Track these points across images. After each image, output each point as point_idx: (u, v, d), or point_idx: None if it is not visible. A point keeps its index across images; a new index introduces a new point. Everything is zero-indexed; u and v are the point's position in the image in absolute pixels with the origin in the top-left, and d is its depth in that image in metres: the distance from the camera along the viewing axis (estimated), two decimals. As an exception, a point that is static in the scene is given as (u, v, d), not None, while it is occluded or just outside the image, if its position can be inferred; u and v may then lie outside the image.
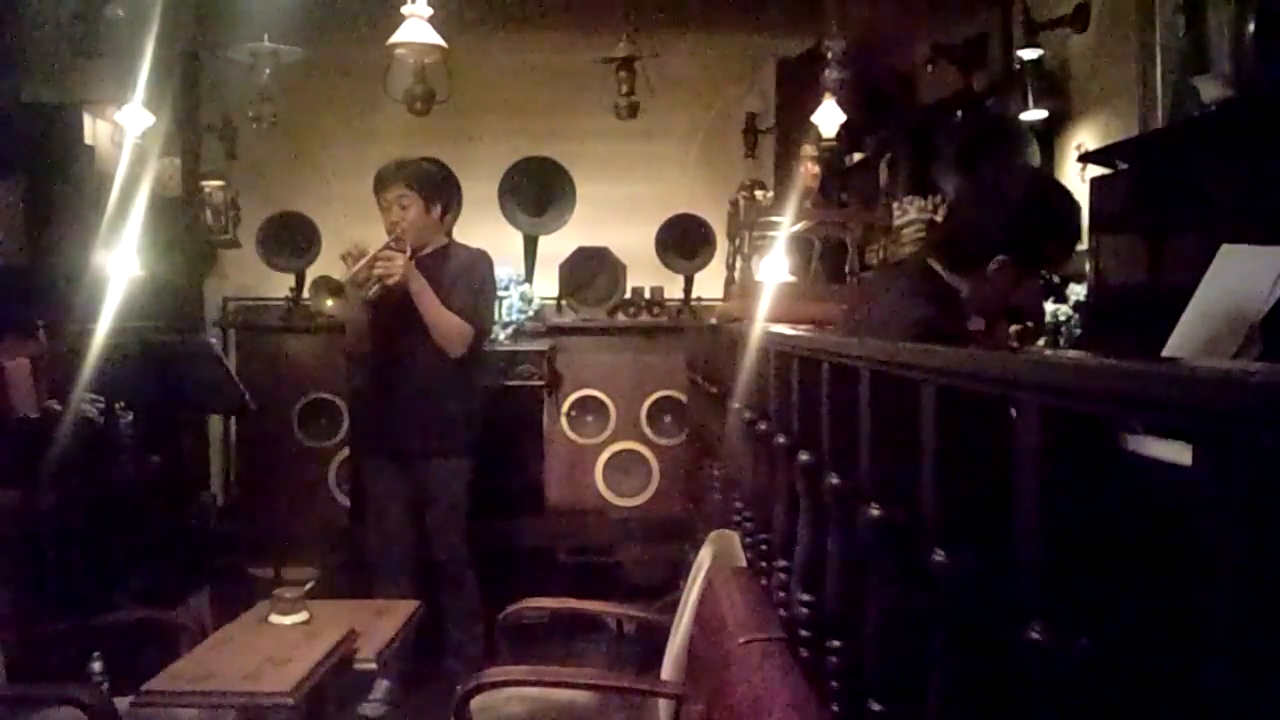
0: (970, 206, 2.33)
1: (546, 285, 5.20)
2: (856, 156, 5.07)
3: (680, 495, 4.98)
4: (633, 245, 5.26)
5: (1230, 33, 2.81)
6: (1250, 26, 2.70)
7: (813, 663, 1.51)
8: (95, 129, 4.26)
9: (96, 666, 2.80)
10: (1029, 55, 3.84)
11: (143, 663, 2.42)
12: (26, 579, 3.27)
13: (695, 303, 5.24)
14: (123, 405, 3.86)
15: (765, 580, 1.97)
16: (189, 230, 5.16)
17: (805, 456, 1.57)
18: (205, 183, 5.23)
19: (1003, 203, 2.23)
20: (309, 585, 2.77)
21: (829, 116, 4.39)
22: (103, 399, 3.73)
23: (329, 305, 3.46)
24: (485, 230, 4.61)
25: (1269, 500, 0.58)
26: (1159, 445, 0.84)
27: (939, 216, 3.80)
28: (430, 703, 3.57)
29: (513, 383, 4.77)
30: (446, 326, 3.51)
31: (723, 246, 5.23)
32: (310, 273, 5.03)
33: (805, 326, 2.19)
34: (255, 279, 5.34)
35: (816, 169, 4.47)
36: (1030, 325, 3.13)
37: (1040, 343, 3.25)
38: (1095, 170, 3.39)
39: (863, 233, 4.15)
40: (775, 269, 4.00)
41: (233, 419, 5.17)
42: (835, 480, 1.40)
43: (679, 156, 5.67)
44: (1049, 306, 3.43)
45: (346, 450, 4.91)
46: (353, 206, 4.87)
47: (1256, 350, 1.82)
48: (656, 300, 5.26)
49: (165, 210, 4.75)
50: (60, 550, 3.46)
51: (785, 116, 5.44)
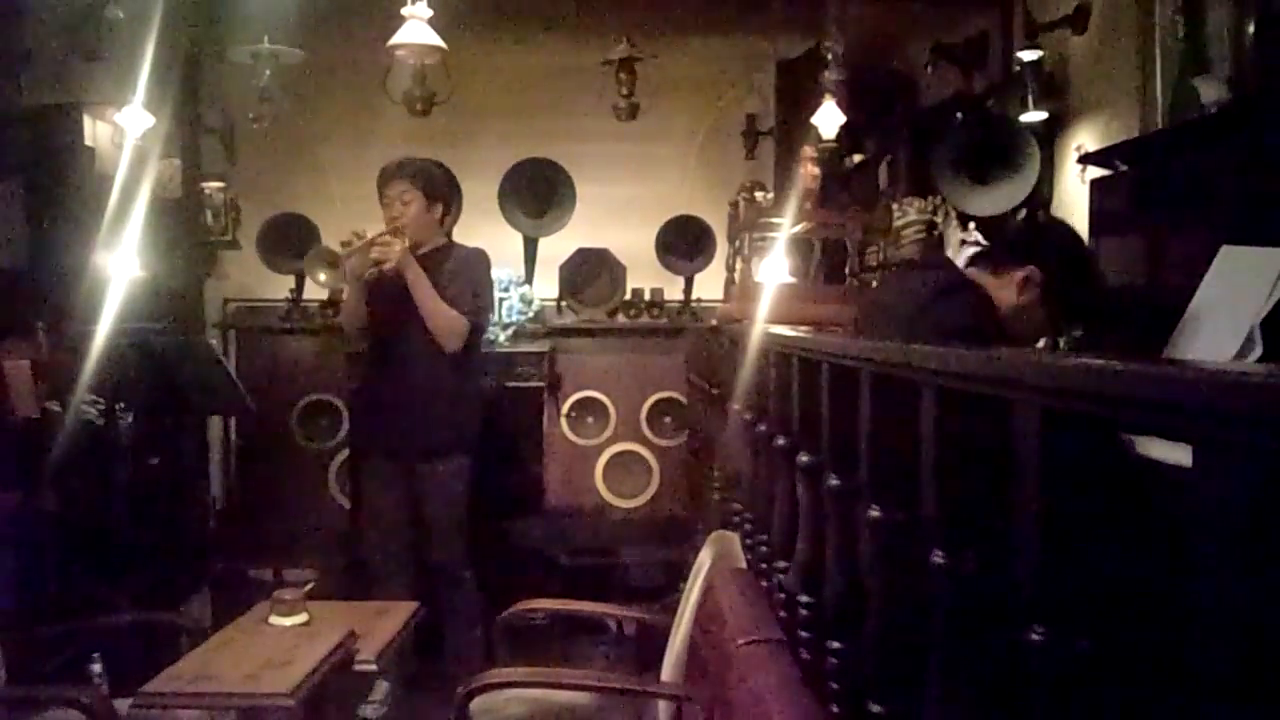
0: (1024, 225, 2.53)
1: (547, 286, 5.20)
2: (856, 158, 5.07)
3: (680, 496, 4.98)
4: (633, 246, 5.26)
5: (1230, 34, 2.81)
6: (1250, 27, 2.70)
7: (813, 664, 1.51)
8: (95, 130, 4.26)
9: (96, 668, 2.80)
10: (1029, 56, 3.84)
11: (143, 664, 2.42)
12: (26, 580, 3.27)
13: (695, 304, 5.24)
14: (123, 406, 3.86)
15: (765, 581, 1.97)
16: (189, 231, 5.15)
17: (805, 458, 1.57)
18: (205, 184, 5.23)
19: (1051, 230, 2.55)
20: (309, 587, 2.78)
21: (829, 118, 4.38)
22: (103, 400, 3.72)
23: (323, 278, 3.46)
24: (485, 231, 4.61)
25: (1269, 502, 0.58)
26: (1159, 447, 0.84)
27: (939, 218, 3.80)
28: (430, 704, 3.57)
29: (513, 384, 4.77)
30: (442, 318, 3.51)
31: (723, 248, 5.23)
32: (308, 254, 5.01)
33: (805, 328, 2.19)
34: (255, 280, 5.33)
35: (816, 170, 4.46)
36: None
37: (1040, 344, 3.25)
38: (1095, 171, 3.39)
39: (863, 234, 4.14)
40: (775, 270, 3.99)
41: (232, 420, 5.16)
42: (835, 481, 1.40)
43: (679, 158, 5.67)
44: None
45: (346, 451, 4.91)
46: (353, 208, 4.87)
47: (1257, 351, 1.82)
48: (656, 302, 5.26)
49: (165, 211, 4.75)
50: (60, 551, 3.46)
51: (785, 118, 5.44)
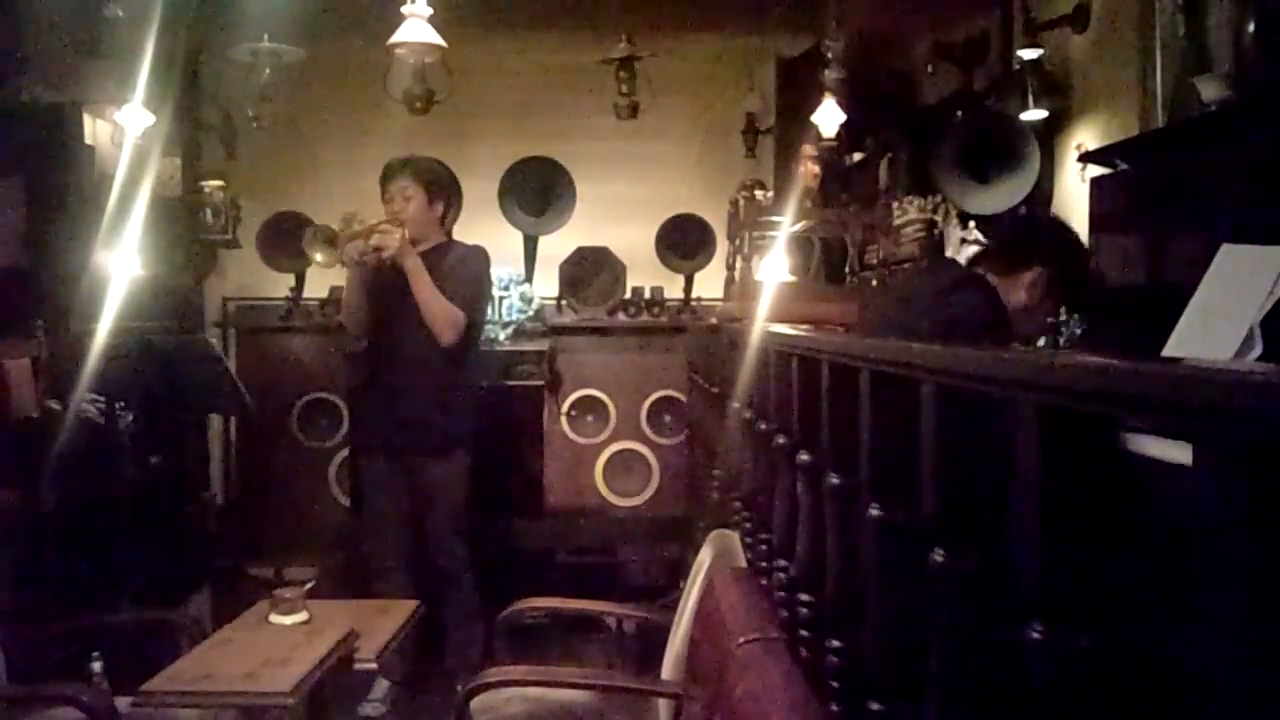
0: (1025, 225, 2.59)
1: (546, 285, 5.20)
2: (856, 156, 5.07)
3: (680, 495, 4.98)
4: (633, 245, 5.26)
5: (1230, 32, 2.81)
6: (1250, 26, 2.70)
7: (813, 662, 1.51)
8: (95, 129, 4.26)
9: (96, 666, 2.80)
10: (1029, 55, 3.84)
11: (143, 663, 2.42)
12: (27, 579, 3.27)
13: (695, 303, 5.24)
14: (123, 405, 3.86)
15: (765, 580, 1.97)
16: (189, 230, 5.15)
17: (805, 456, 1.57)
18: (205, 183, 5.23)
19: (1053, 229, 2.62)
20: (309, 585, 2.78)
21: (829, 116, 4.38)
22: (103, 399, 3.73)
23: (319, 258, 3.46)
24: (485, 230, 4.61)
25: (1269, 501, 0.58)
26: (1159, 445, 0.84)
27: (939, 216, 3.80)
28: (430, 703, 3.58)
29: (513, 382, 4.77)
30: (438, 310, 3.51)
31: (723, 246, 5.23)
32: (310, 273, 5.03)
33: (805, 326, 2.19)
34: (255, 279, 5.33)
35: (816, 169, 4.47)
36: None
37: (1040, 343, 3.25)
38: (1095, 170, 3.39)
39: (863, 233, 4.15)
40: (775, 269, 4.00)
41: (233, 419, 5.16)
42: (835, 480, 1.40)
43: (679, 156, 5.67)
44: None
45: (346, 450, 4.91)
46: (353, 206, 4.86)
47: (1257, 350, 1.82)
48: (656, 300, 5.26)
49: (165, 210, 4.75)
50: (60, 550, 3.46)
51: (785, 116, 5.44)
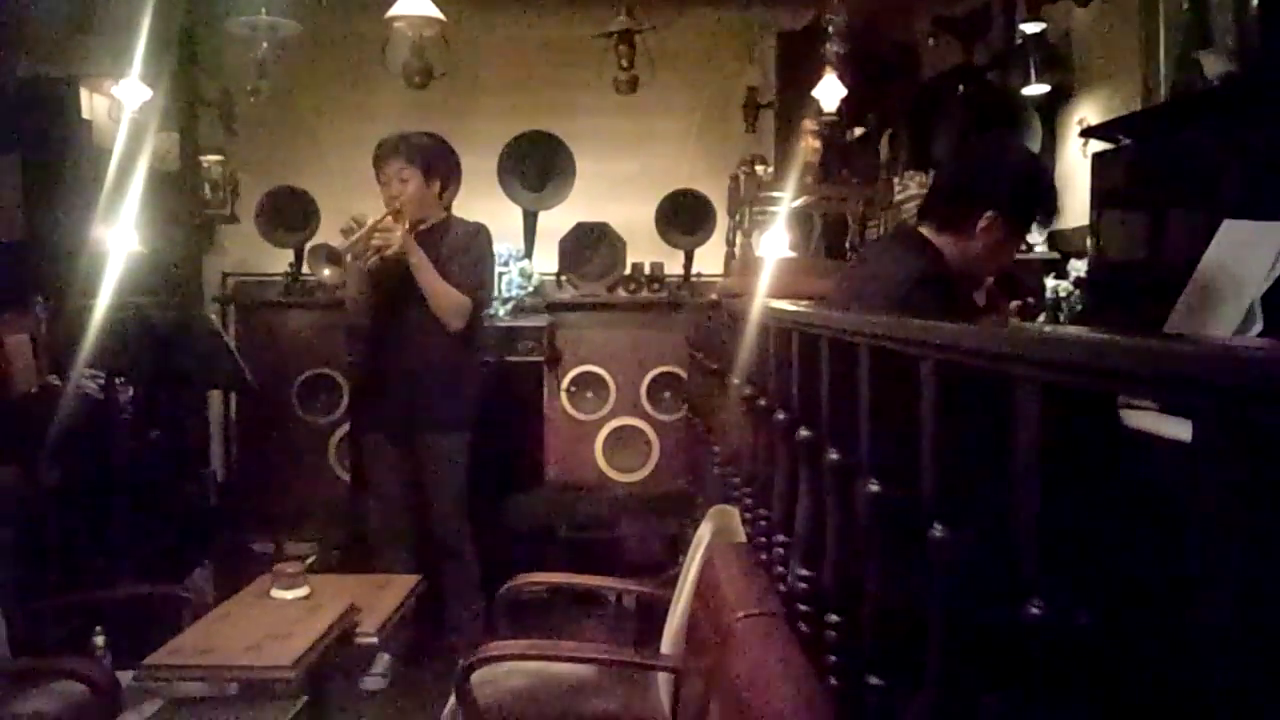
0: (963, 167, 2.46)
1: (546, 261, 5.19)
2: (857, 131, 5.05)
3: (680, 471, 4.99)
4: (633, 221, 5.24)
5: (1234, 6, 2.79)
6: (1253, 0, 2.68)
7: (811, 637, 1.52)
8: (92, 103, 4.24)
9: (99, 640, 2.82)
10: (1032, 28, 3.81)
11: (145, 637, 2.43)
12: (28, 554, 3.28)
13: (695, 278, 5.23)
14: (122, 381, 3.86)
15: (764, 555, 1.97)
16: (187, 205, 5.14)
17: (805, 432, 1.57)
18: (203, 157, 5.21)
19: (995, 162, 2.36)
20: (310, 560, 2.79)
21: (830, 91, 4.36)
22: (102, 374, 3.73)
23: (327, 274, 3.44)
24: (484, 205, 4.59)
25: (1268, 476, 0.58)
26: (1159, 421, 0.84)
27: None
28: (431, 676, 3.60)
29: (512, 358, 4.77)
30: (444, 299, 3.51)
31: (723, 222, 5.22)
32: (309, 248, 5.02)
33: (805, 302, 2.19)
34: (254, 254, 5.32)
35: (817, 144, 4.45)
36: (1030, 301, 3.14)
37: (1041, 318, 3.25)
38: (1097, 145, 3.38)
39: (863, 208, 4.14)
40: (776, 244, 3.99)
41: (232, 394, 5.16)
42: (834, 456, 1.40)
43: (679, 131, 5.65)
44: (1049, 282, 3.43)
45: (347, 426, 4.91)
46: (351, 181, 4.84)
47: (1257, 326, 1.82)
48: (656, 276, 5.25)
49: (163, 185, 4.73)
50: (61, 525, 3.47)
51: (786, 91, 5.41)
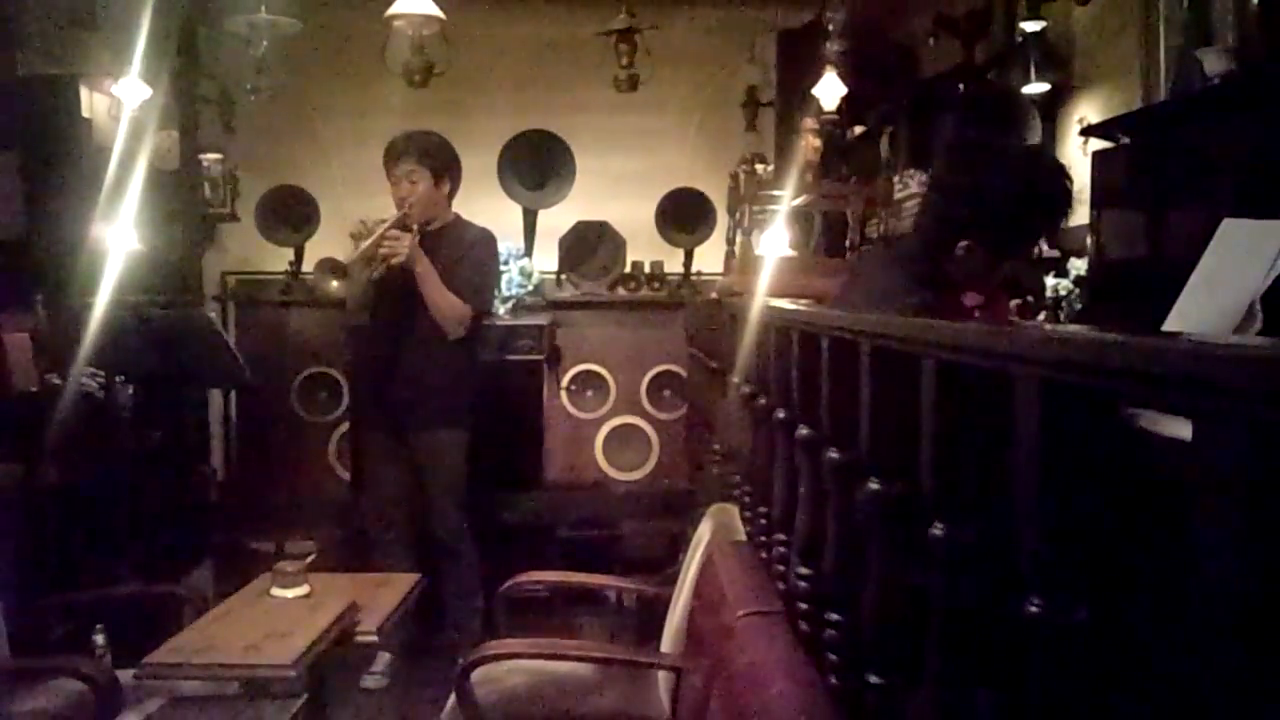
0: (947, 184, 2.29)
1: (546, 259, 5.19)
2: (858, 130, 5.05)
3: (680, 469, 4.99)
4: (633, 219, 5.25)
5: (1234, 4, 2.79)
6: (1254, -2, 2.68)
7: (811, 635, 1.52)
8: (92, 102, 4.23)
9: (99, 639, 2.81)
10: (1032, 27, 3.81)
11: (145, 636, 2.43)
12: (28, 553, 3.28)
13: (695, 277, 5.24)
14: (122, 379, 3.86)
15: (764, 554, 1.97)
16: (187, 204, 5.14)
17: (805, 431, 1.57)
18: (203, 156, 5.21)
19: (979, 184, 2.17)
20: (310, 559, 2.79)
21: (830, 89, 4.36)
22: (102, 373, 3.72)
23: (334, 287, 3.44)
24: (484, 204, 4.60)
25: (1268, 475, 0.58)
26: (1159, 420, 0.84)
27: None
28: (431, 675, 3.59)
29: (512, 357, 4.77)
30: (447, 309, 3.51)
31: (723, 220, 5.21)
32: (309, 247, 5.02)
33: (805, 301, 2.19)
34: (254, 253, 5.32)
35: (817, 142, 4.44)
36: (1030, 299, 3.13)
37: (1040, 317, 3.25)
38: (1097, 144, 3.38)
39: (863, 207, 4.13)
40: (775, 243, 3.99)
41: (232, 393, 5.17)
42: (835, 454, 1.40)
43: (679, 130, 5.64)
44: (1050, 281, 3.43)
45: (346, 424, 4.91)
46: (351, 179, 4.86)
47: (1257, 325, 1.82)
48: (656, 275, 5.25)
49: (163, 184, 4.73)
50: (61, 524, 3.47)
51: (786, 89, 5.41)
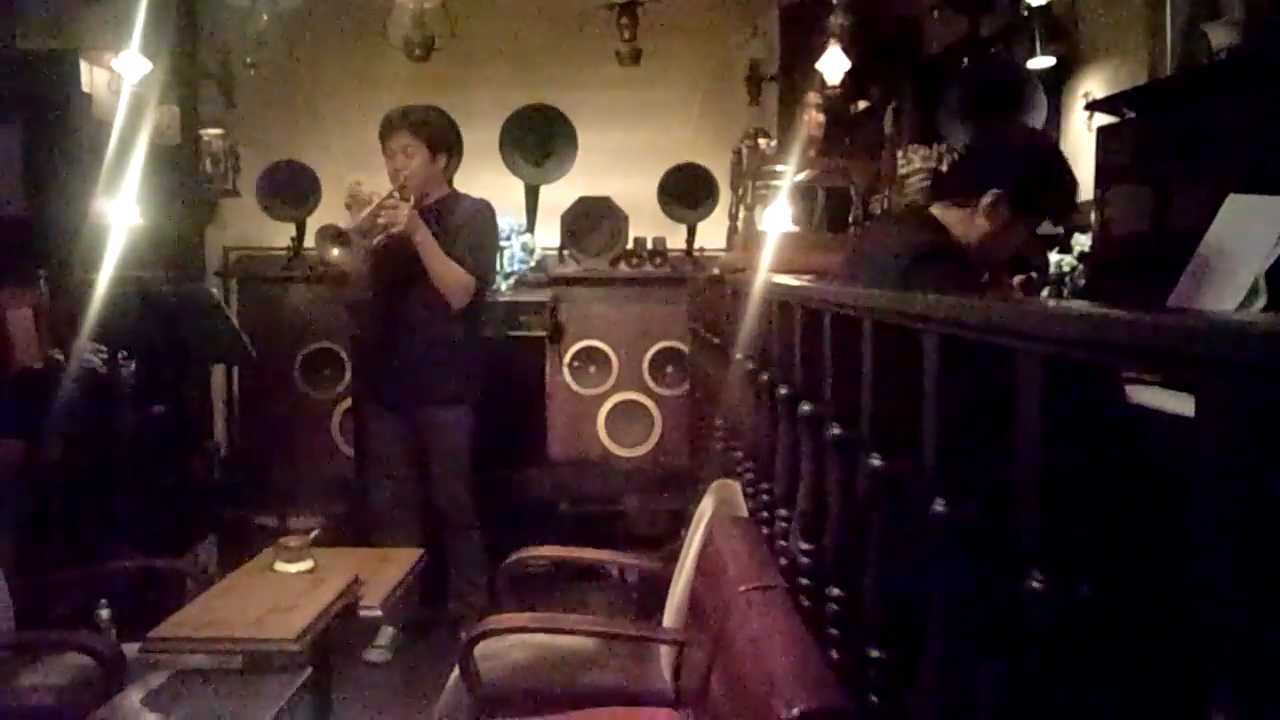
0: (977, 145, 2.45)
1: (548, 235, 5.17)
2: (861, 104, 5.02)
3: (682, 446, 5.00)
4: (635, 195, 5.22)
5: (1242, -22, 2.76)
6: (1262, -29, 2.66)
7: (813, 611, 1.53)
8: (92, 76, 4.21)
9: (104, 613, 2.83)
10: (1037, 1, 3.78)
11: (150, 610, 2.44)
12: (33, 528, 3.29)
13: (698, 253, 5.22)
14: (125, 355, 3.86)
15: (766, 529, 1.98)
16: (188, 179, 5.12)
17: (807, 407, 1.57)
18: (204, 131, 5.19)
19: (1009, 144, 2.39)
20: (313, 534, 2.79)
21: (834, 63, 4.33)
22: (105, 349, 3.73)
23: (335, 254, 3.42)
24: (486, 179, 4.58)
25: (1270, 451, 0.58)
26: (1162, 396, 0.84)
27: (944, 166, 3.77)
28: (434, 649, 3.62)
29: (515, 333, 4.77)
30: (449, 277, 3.51)
31: (726, 196, 5.20)
32: (311, 222, 5.00)
33: (808, 277, 2.18)
34: (255, 228, 5.31)
35: (820, 117, 4.42)
36: (1034, 275, 3.13)
37: (1044, 293, 3.24)
38: (1102, 119, 3.36)
39: (867, 182, 4.12)
40: (778, 219, 3.97)
41: (235, 369, 5.17)
42: (837, 430, 1.40)
43: (682, 104, 5.61)
44: (1053, 257, 3.42)
45: (349, 400, 4.92)
46: (353, 154, 4.83)
47: (1261, 301, 1.82)
48: (659, 250, 5.24)
49: (164, 159, 4.71)
50: (65, 499, 3.48)
51: (789, 64, 5.38)
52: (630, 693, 2.37)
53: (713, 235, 5.23)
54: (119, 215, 4.00)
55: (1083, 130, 3.67)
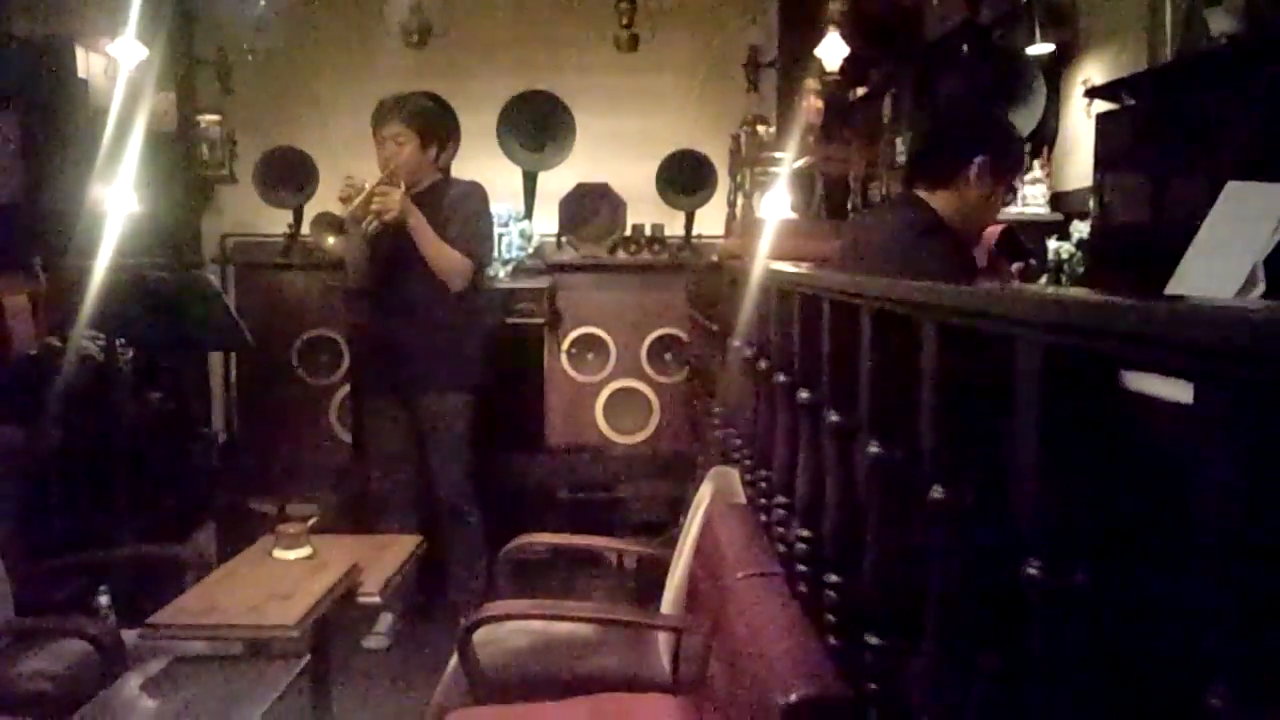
0: (945, 121, 2.64)
1: (546, 222, 5.16)
2: (860, 91, 5.00)
3: (680, 432, 5.00)
4: (633, 181, 5.21)
5: (1242, -37, 2.75)
6: (1263, -43, 2.65)
7: (811, 597, 1.53)
8: (88, 62, 4.20)
9: (104, 600, 2.83)
10: (1037, -14, 3.76)
11: (149, 597, 2.45)
12: (31, 515, 3.30)
13: (696, 240, 5.21)
14: (123, 342, 3.86)
15: (764, 516, 1.98)
16: (185, 166, 5.11)
17: (805, 394, 1.57)
18: (201, 117, 5.17)
19: (974, 112, 2.66)
20: (312, 521, 2.79)
21: (833, 50, 4.32)
22: (103, 336, 3.72)
23: (331, 243, 3.42)
24: (484, 166, 4.57)
25: (1269, 438, 0.58)
26: (1160, 383, 0.84)
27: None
28: (433, 636, 3.62)
29: (513, 320, 4.77)
30: (445, 260, 3.50)
31: (724, 183, 5.19)
32: (308, 209, 4.99)
33: (806, 264, 2.18)
34: (253, 215, 5.29)
35: (819, 104, 4.41)
36: (1031, 263, 3.13)
37: (1042, 280, 3.24)
38: (1102, 105, 3.35)
39: (865, 169, 4.11)
40: (777, 205, 3.97)
41: (233, 356, 5.17)
42: (835, 417, 1.40)
43: (680, 90, 5.59)
44: (1051, 244, 3.42)
45: (347, 387, 4.92)
46: (350, 141, 4.80)
47: (1259, 288, 1.82)
48: (657, 237, 5.23)
49: (161, 145, 4.70)
50: (64, 486, 3.48)
51: (788, 50, 5.35)
52: (629, 679, 2.38)
53: (711, 222, 5.22)
54: (116, 202, 3.99)
55: (1082, 117, 3.66)
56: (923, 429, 1.05)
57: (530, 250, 5.01)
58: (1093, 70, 3.70)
